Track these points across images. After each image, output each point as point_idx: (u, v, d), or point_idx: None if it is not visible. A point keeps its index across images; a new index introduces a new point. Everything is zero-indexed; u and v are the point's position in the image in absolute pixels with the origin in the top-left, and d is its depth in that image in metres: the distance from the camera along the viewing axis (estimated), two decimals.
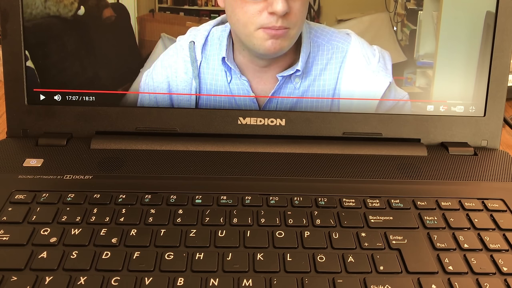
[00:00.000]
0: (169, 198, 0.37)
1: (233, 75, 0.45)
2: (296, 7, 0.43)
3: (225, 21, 0.45)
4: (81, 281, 0.29)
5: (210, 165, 0.42)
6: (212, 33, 0.45)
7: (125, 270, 0.30)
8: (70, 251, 0.31)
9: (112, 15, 0.44)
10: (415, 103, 0.46)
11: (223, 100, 0.46)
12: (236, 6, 0.43)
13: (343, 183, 0.40)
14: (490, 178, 0.42)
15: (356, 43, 0.45)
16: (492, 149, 0.46)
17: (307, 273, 0.31)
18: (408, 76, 0.46)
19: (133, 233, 0.33)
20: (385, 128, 0.46)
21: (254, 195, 0.37)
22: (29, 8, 0.43)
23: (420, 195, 0.39)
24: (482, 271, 0.31)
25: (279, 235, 0.34)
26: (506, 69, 0.45)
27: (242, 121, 0.45)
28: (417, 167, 0.43)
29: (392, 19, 0.45)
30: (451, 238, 0.34)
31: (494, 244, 0.34)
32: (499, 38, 0.45)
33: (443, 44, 0.45)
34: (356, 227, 0.35)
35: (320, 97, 0.46)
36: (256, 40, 0.44)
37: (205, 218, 0.35)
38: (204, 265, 0.31)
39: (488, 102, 0.46)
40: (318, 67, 0.45)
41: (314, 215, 0.36)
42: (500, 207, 0.38)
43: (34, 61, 0.44)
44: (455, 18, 0.45)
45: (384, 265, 0.31)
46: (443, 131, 0.46)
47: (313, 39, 0.45)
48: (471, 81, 0.46)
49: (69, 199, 0.36)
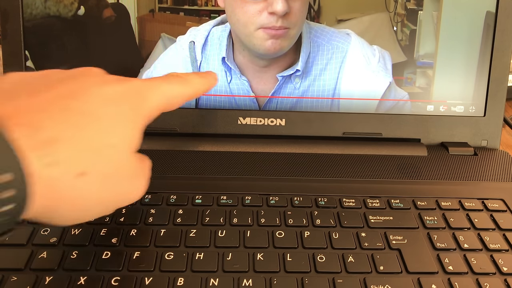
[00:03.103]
0: (169, 198, 0.37)
1: (233, 75, 0.45)
2: (296, 7, 0.43)
3: (225, 21, 0.45)
4: (81, 281, 0.29)
5: (210, 165, 0.42)
6: (212, 33, 0.45)
7: (125, 270, 0.30)
8: (70, 251, 0.31)
9: (112, 15, 0.44)
10: (415, 103, 0.46)
11: (223, 100, 0.46)
12: (236, 6, 0.43)
13: (343, 183, 0.40)
14: (490, 178, 0.42)
15: (356, 43, 0.45)
16: (492, 149, 0.46)
17: (307, 273, 0.31)
18: (408, 76, 0.46)
19: (133, 233, 0.33)
20: (385, 128, 0.46)
21: (254, 195, 0.37)
22: (29, 8, 0.43)
23: (420, 195, 0.39)
24: (482, 271, 0.31)
25: (279, 235, 0.34)
26: (506, 69, 0.45)
27: (242, 121, 0.45)
28: (417, 167, 0.43)
29: (392, 19, 0.45)
30: (451, 238, 0.34)
31: (494, 244, 0.34)
32: (499, 38, 0.45)
33: (443, 44, 0.45)
34: (356, 227, 0.35)
35: (320, 97, 0.46)
36: (256, 40, 0.44)
37: (205, 218, 0.35)
38: (204, 265, 0.31)
39: (488, 102, 0.46)
40: (318, 67, 0.45)
41: (314, 215, 0.36)
42: (500, 207, 0.38)
43: (34, 61, 0.44)
44: (455, 18, 0.45)
45: (384, 265, 0.31)
46: (443, 131, 0.46)
47: (313, 39, 0.45)
48: (471, 81, 0.46)
49: None
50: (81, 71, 0.28)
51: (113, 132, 0.26)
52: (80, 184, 0.24)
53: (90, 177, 0.24)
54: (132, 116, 0.27)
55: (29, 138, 0.22)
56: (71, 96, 0.25)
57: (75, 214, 0.26)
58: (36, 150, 0.22)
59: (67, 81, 0.26)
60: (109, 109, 0.26)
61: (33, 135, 0.22)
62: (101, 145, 0.25)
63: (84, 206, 0.25)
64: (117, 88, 0.27)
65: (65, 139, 0.23)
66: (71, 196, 0.24)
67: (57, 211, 0.24)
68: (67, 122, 0.24)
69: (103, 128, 0.25)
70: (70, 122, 0.24)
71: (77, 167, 0.24)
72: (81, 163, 0.24)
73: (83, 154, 0.24)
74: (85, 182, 0.24)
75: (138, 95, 0.28)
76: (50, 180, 0.23)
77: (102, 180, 0.25)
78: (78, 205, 0.25)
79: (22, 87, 0.25)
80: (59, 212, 0.24)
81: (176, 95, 0.30)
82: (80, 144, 0.24)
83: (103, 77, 0.28)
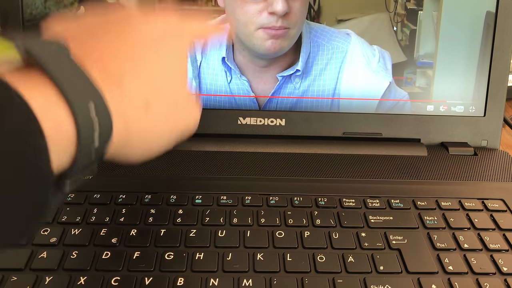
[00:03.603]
0: (169, 198, 0.37)
1: (233, 75, 0.45)
2: (296, 7, 0.43)
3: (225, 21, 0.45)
4: (81, 281, 0.29)
5: (210, 165, 0.42)
6: None
7: (125, 270, 0.30)
8: (70, 251, 0.31)
9: None
10: (415, 103, 0.46)
11: (223, 100, 0.46)
12: (236, 6, 0.43)
13: (343, 183, 0.40)
14: (490, 178, 0.42)
15: (356, 43, 0.45)
16: (492, 149, 0.46)
17: (307, 273, 0.31)
18: (408, 76, 0.46)
19: (133, 233, 0.33)
20: (385, 128, 0.46)
21: (254, 195, 0.37)
22: (29, 8, 0.43)
23: (420, 195, 0.39)
24: (482, 271, 0.31)
25: (279, 235, 0.34)
26: (506, 69, 0.45)
27: (242, 121, 0.45)
28: (417, 167, 0.43)
29: (392, 19, 0.45)
30: (451, 238, 0.34)
31: (494, 244, 0.34)
32: (499, 38, 0.45)
33: (443, 44, 0.45)
34: (356, 227, 0.35)
35: (320, 97, 0.46)
36: (256, 40, 0.44)
37: (205, 218, 0.35)
38: (204, 265, 0.31)
39: (488, 102, 0.46)
40: (318, 67, 0.45)
41: (314, 215, 0.36)
42: (500, 207, 0.38)
43: None
44: (455, 18, 0.45)
45: (384, 265, 0.31)
46: (443, 131, 0.46)
47: (313, 39, 0.45)
48: (471, 81, 0.46)
49: (69, 199, 0.36)
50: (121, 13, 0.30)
51: (167, 63, 0.28)
52: (148, 116, 0.26)
53: (155, 109, 0.26)
54: (180, 46, 0.29)
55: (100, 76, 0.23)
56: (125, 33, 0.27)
57: (145, 147, 0.27)
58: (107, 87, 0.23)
59: (116, 21, 0.28)
60: (160, 41, 0.28)
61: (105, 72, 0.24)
62: (160, 77, 0.27)
63: (153, 137, 0.27)
64: (161, 21, 0.29)
65: (129, 74, 0.25)
66: (141, 128, 0.26)
67: (130, 146, 0.26)
68: (128, 59, 0.25)
69: (159, 60, 0.27)
70: (131, 58, 0.25)
71: (144, 100, 0.25)
72: (146, 96, 0.26)
73: (147, 88, 0.26)
74: (152, 113, 0.26)
75: (180, 30, 0.30)
76: (124, 115, 0.24)
77: (166, 111, 0.27)
78: (148, 137, 0.26)
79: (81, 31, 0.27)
80: (132, 146, 0.26)
81: (202, 34, 0.33)
82: (143, 78, 0.26)
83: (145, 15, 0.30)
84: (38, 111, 0.20)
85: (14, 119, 0.19)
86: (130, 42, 0.26)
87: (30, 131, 0.19)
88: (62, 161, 0.22)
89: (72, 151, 0.22)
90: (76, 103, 0.21)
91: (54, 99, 0.21)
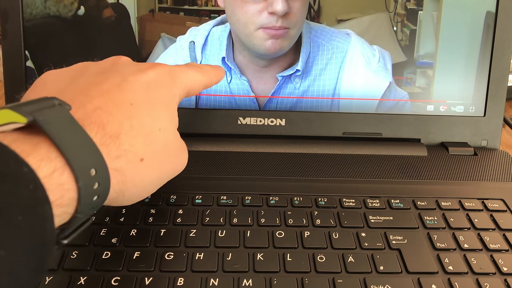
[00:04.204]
0: (169, 198, 0.37)
1: (233, 75, 0.45)
2: (296, 7, 0.43)
3: (225, 21, 0.45)
4: (81, 281, 0.29)
5: (210, 165, 0.42)
6: (212, 33, 0.45)
7: (125, 270, 0.30)
8: (70, 251, 0.31)
9: (112, 15, 0.44)
10: (415, 103, 0.46)
11: (223, 100, 0.46)
12: (236, 6, 0.43)
13: (343, 183, 0.40)
14: (490, 178, 0.42)
15: (356, 43, 0.45)
16: (492, 149, 0.46)
17: (307, 273, 0.31)
18: (408, 76, 0.46)
19: (133, 233, 0.33)
20: (385, 128, 0.46)
21: (254, 195, 0.37)
22: (29, 8, 0.43)
23: (420, 195, 0.39)
24: (482, 271, 0.31)
25: (279, 235, 0.34)
26: (506, 69, 0.45)
27: (242, 121, 0.45)
28: (417, 167, 0.43)
29: (392, 19, 0.45)
30: (451, 238, 0.34)
31: (494, 244, 0.34)
32: (499, 38, 0.45)
33: (443, 44, 0.45)
34: (356, 227, 0.35)
35: (320, 97, 0.46)
36: (256, 40, 0.44)
37: (205, 218, 0.35)
38: (204, 265, 0.31)
39: (488, 102, 0.46)
40: (318, 67, 0.45)
41: (314, 215, 0.36)
42: (500, 207, 0.38)
43: (34, 61, 0.44)
44: (455, 18, 0.45)
45: (384, 265, 0.31)
46: (443, 131, 0.46)
47: (313, 39, 0.45)
48: (471, 81, 0.46)
49: None
50: (113, 60, 0.31)
51: (158, 116, 0.29)
52: (142, 168, 0.27)
53: (148, 160, 0.27)
54: (169, 99, 0.30)
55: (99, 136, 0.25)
56: (117, 89, 0.27)
57: (138, 193, 0.28)
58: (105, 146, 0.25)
59: (107, 74, 0.28)
60: (150, 95, 0.29)
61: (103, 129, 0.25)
62: (152, 130, 0.28)
63: (146, 185, 0.28)
64: (151, 74, 0.30)
65: (124, 131, 0.26)
66: (135, 180, 0.27)
67: (125, 195, 0.27)
68: (122, 115, 0.26)
69: (150, 113, 0.28)
70: (124, 114, 0.26)
71: (138, 155, 0.27)
72: (140, 150, 0.27)
73: (141, 142, 0.27)
74: (145, 165, 0.27)
75: (170, 79, 0.31)
76: (120, 170, 0.26)
77: (158, 161, 0.28)
78: (141, 186, 0.28)
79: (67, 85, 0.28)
80: (127, 195, 0.27)
81: (197, 81, 0.33)
82: (137, 133, 0.27)
83: (136, 66, 0.30)
84: (45, 180, 0.21)
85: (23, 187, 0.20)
86: (124, 98, 0.27)
87: (37, 199, 0.20)
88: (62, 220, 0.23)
89: (72, 211, 0.23)
90: (80, 170, 0.23)
91: (59, 166, 0.22)
